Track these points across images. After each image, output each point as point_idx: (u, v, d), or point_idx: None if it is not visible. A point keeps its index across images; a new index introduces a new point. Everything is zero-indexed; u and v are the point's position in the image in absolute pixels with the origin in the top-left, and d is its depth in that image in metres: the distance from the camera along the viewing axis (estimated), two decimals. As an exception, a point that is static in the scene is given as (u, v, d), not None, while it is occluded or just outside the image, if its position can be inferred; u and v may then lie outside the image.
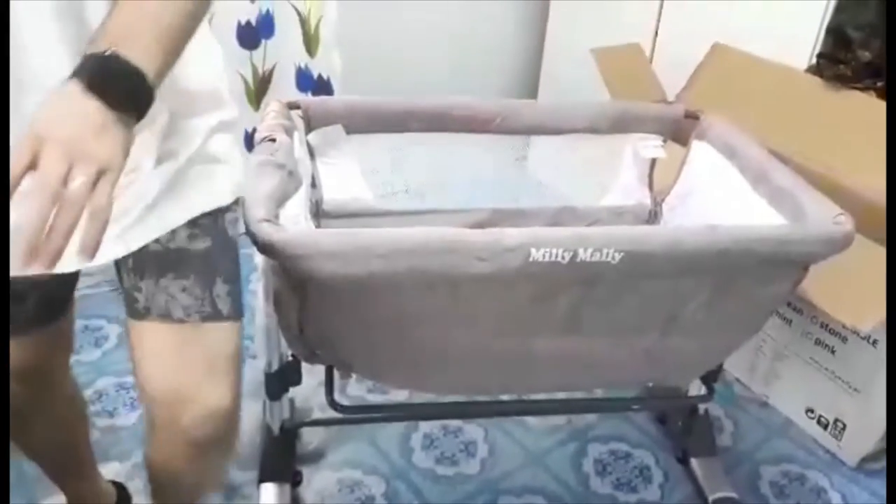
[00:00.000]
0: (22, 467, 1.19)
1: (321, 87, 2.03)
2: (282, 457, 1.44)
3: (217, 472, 1.08)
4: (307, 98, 1.39)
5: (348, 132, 1.31)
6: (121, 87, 0.60)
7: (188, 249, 0.87)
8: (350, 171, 1.35)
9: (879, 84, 1.47)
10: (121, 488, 1.35)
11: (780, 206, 1.17)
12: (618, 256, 0.94)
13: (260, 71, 2.01)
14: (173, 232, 0.87)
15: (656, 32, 2.06)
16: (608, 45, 1.78)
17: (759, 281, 1.09)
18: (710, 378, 1.36)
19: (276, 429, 1.39)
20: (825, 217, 1.07)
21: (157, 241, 0.86)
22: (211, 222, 0.89)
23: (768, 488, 1.54)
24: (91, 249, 0.57)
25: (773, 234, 1.05)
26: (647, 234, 1.01)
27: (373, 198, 1.39)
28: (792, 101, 1.55)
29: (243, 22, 1.92)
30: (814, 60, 1.60)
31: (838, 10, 1.58)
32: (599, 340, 1.09)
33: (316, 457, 1.53)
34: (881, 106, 1.42)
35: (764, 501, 1.51)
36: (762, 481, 1.55)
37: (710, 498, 1.44)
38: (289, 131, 1.18)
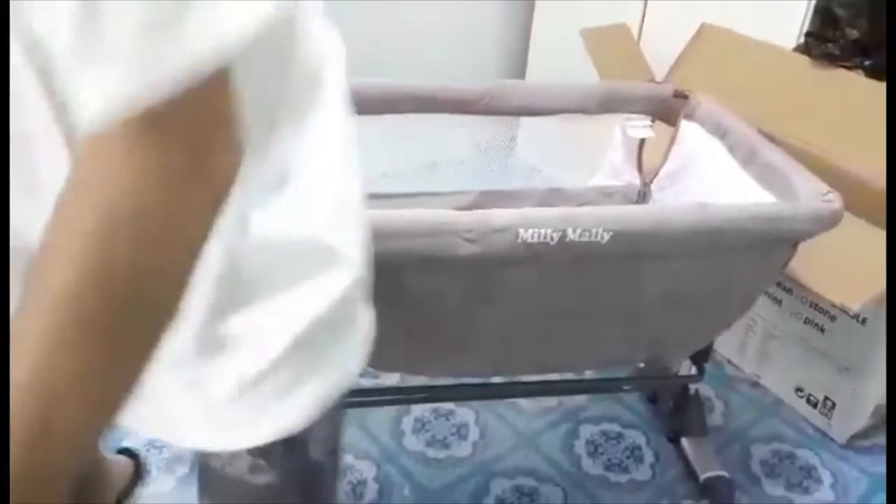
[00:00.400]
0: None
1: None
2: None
3: None
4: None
5: (334, 115, 1.30)
6: None
7: (248, 482, 0.64)
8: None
9: (867, 62, 1.47)
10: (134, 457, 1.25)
11: (770, 185, 1.17)
12: (607, 236, 0.94)
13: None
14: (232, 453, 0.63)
15: (644, 13, 2.05)
16: (596, 26, 1.76)
17: (749, 259, 1.09)
18: (700, 358, 1.37)
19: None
20: (814, 195, 1.07)
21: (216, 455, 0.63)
22: (286, 446, 0.61)
23: (759, 467, 1.54)
24: None
25: (763, 211, 1.05)
26: (636, 214, 1.00)
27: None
28: (780, 80, 1.55)
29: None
30: (802, 39, 1.59)
31: (826, -12, 1.57)
32: (595, 321, 1.09)
33: (307, 442, 1.52)
34: (869, 84, 1.42)
35: (755, 480, 1.51)
36: (753, 460, 1.56)
37: (702, 477, 1.45)
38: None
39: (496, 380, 1.49)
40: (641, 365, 1.55)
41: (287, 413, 0.58)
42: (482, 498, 1.44)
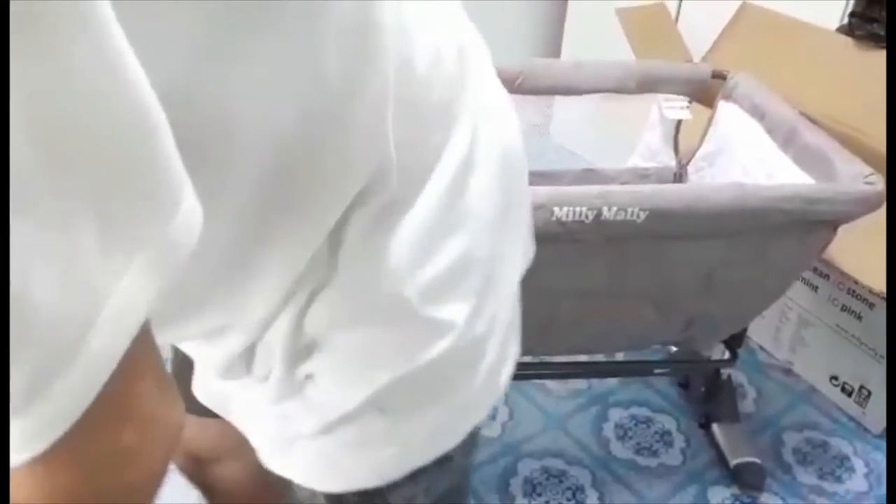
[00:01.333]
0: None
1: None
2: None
3: None
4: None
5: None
6: None
7: None
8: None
9: (914, 43, 1.43)
10: None
11: (810, 167, 1.14)
12: (643, 215, 0.93)
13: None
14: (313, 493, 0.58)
15: (682, -7, 2.01)
16: (633, 5, 1.74)
17: (787, 241, 1.07)
18: (734, 342, 1.35)
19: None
20: (856, 177, 1.05)
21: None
22: (360, 499, 0.57)
23: (791, 455, 1.53)
24: None
25: (802, 192, 1.03)
26: (672, 192, 0.99)
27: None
28: (822, 62, 1.51)
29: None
30: (845, 20, 1.55)
31: (872, -33, 1.53)
32: (629, 301, 1.08)
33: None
34: (915, 65, 1.38)
35: (786, 468, 1.50)
36: (785, 448, 1.54)
37: (732, 463, 1.43)
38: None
39: (525, 359, 1.48)
40: (673, 349, 1.53)
41: (363, 467, 0.55)
42: (510, 478, 1.44)
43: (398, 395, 0.52)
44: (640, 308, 1.09)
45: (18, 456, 0.31)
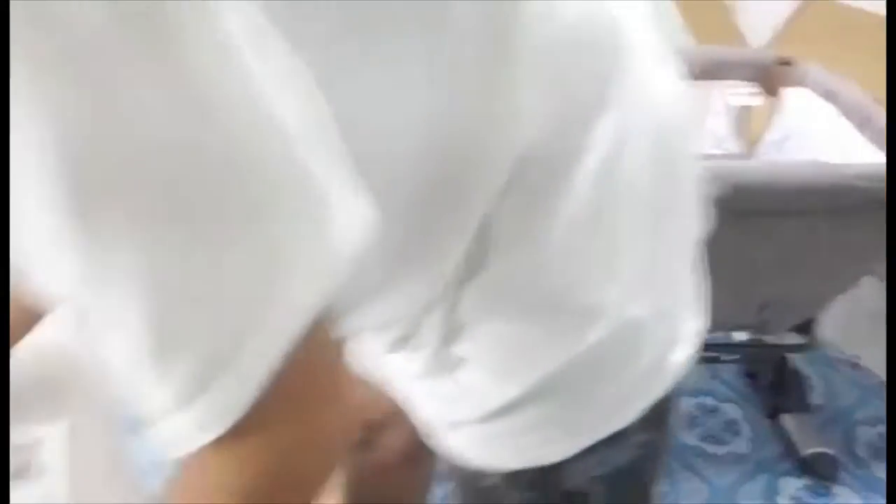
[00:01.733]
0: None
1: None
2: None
3: None
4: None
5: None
6: None
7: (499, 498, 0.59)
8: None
9: None
10: None
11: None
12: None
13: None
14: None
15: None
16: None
17: (865, 222, 1.06)
18: (804, 329, 1.33)
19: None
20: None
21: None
22: (537, 474, 0.57)
23: (864, 449, 1.48)
24: None
25: (880, 171, 1.02)
26: (748, 168, 0.99)
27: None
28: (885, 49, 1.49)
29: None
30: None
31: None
32: (708, 284, 1.08)
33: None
34: None
35: (860, 462, 1.46)
36: (858, 442, 1.50)
37: (803, 453, 1.41)
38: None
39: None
40: (743, 337, 1.51)
41: (528, 449, 0.56)
42: (576, 466, 1.43)
43: (558, 384, 0.52)
44: (716, 290, 1.09)
45: (199, 438, 0.34)
